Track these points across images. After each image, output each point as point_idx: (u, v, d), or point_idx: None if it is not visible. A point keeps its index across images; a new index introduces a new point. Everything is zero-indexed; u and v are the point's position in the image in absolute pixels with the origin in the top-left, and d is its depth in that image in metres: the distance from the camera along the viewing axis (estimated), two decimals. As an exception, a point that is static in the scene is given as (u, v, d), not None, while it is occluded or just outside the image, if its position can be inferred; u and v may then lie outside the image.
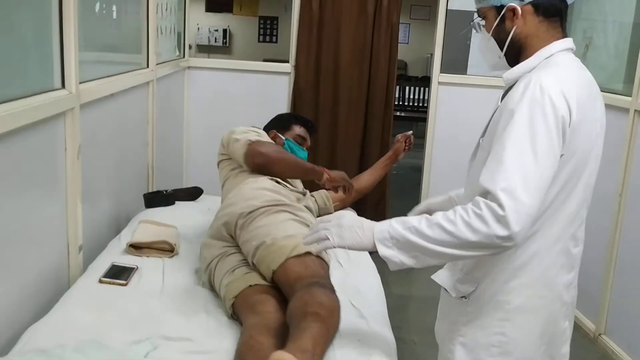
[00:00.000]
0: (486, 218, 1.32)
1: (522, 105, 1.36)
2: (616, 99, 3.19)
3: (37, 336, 1.66)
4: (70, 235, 2.15)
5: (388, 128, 4.31)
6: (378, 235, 1.43)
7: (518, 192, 1.31)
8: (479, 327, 1.52)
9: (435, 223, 1.37)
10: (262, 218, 2.09)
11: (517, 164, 1.33)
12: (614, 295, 3.19)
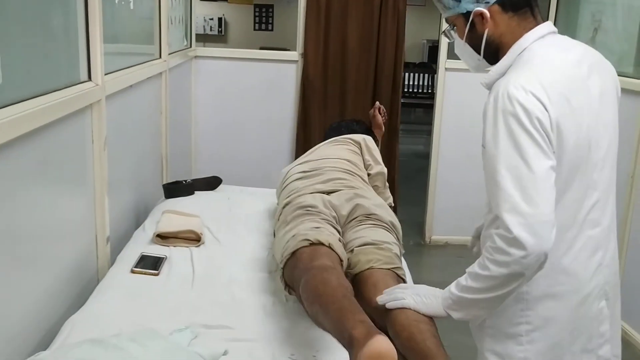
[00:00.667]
0: (503, 248, 1.36)
1: (498, 120, 1.38)
2: (627, 82, 3.22)
3: (78, 327, 1.68)
4: (98, 226, 2.16)
5: (396, 114, 4.34)
6: (444, 303, 1.54)
7: (520, 207, 1.34)
8: (505, 318, 1.55)
9: (474, 274, 1.45)
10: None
11: (513, 180, 1.35)
12: (627, 280, 3.23)
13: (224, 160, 4.26)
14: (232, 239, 2.42)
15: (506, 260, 1.36)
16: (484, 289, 1.43)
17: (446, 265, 4.19)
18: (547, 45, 1.50)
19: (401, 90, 4.36)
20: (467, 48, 1.57)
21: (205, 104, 4.31)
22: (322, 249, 1.81)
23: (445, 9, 1.56)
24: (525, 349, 1.54)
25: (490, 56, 1.55)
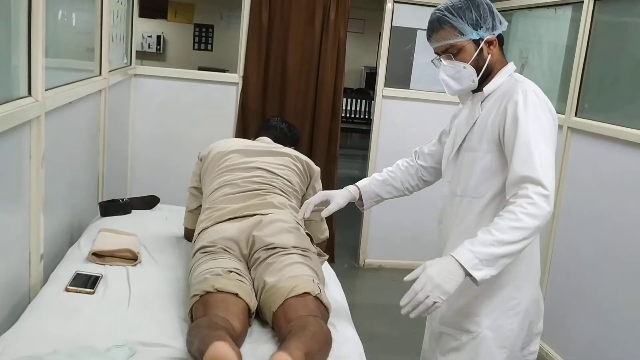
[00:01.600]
0: (539, 203, 1.63)
1: (528, 109, 1.73)
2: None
3: (11, 345, 1.65)
4: (32, 244, 2.13)
5: (335, 140, 4.42)
6: (468, 264, 1.63)
7: (549, 173, 1.67)
8: (502, 296, 1.85)
9: (507, 227, 1.64)
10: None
11: (541, 154, 1.68)
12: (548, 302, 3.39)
13: (161, 179, 4.23)
14: (168, 258, 2.43)
15: (540, 213, 1.63)
16: (515, 240, 1.63)
17: (380, 287, 4.28)
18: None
19: (340, 116, 4.45)
20: (468, 70, 1.85)
21: (144, 122, 4.28)
22: (213, 296, 1.86)
23: (458, 35, 1.83)
24: (512, 321, 1.86)
25: (482, 78, 1.88)
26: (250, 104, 4.26)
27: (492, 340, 1.85)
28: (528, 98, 1.74)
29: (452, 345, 1.91)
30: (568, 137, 3.25)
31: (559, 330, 3.30)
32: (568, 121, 3.25)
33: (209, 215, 2.30)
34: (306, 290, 1.91)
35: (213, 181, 2.43)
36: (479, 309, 1.85)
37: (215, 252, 2.11)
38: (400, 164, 2.22)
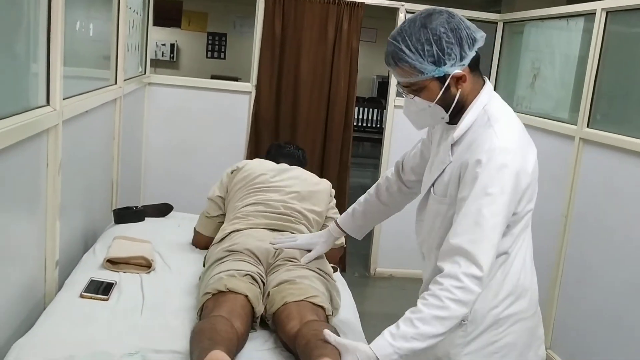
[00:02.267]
0: (469, 287, 1.50)
1: (490, 172, 1.53)
2: (562, 127, 3.43)
3: (25, 351, 1.68)
4: (48, 250, 2.16)
5: (347, 149, 4.44)
6: (384, 356, 1.50)
7: (489, 252, 1.53)
8: (481, 341, 1.68)
9: (431, 317, 1.50)
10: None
11: (488, 228, 1.52)
12: (559, 312, 3.39)
13: (174, 187, 4.26)
14: (182, 266, 2.45)
15: (469, 299, 1.50)
16: (440, 333, 1.50)
17: (390, 297, 4.29)
18: (497, 99, 1.69)
19: (353, 125, 4.48)
20: (434, 109, 1.63)
21: (157, 130, 4.32)
22: (224, 296, 1.91)
23: (418, 73, 1.57)
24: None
25: (454, 114, 1.65)
26: (263, 113, 4.29)
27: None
28: (492, 159, 1.53)
29: None
30: (580, 148, 3.25)
31: (570, 341, 3.29)
32: (580, 132, 3.25)
33: (243, 220, 2.35)
34: (323, 305, 1.95)
35: (247, 197, 2.48)
36: (458, 357, 1.69)
37: (239, 255, 2.15)
38: (381, 183, 2.07)
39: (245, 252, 2.16)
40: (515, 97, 4.11)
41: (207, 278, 2.06)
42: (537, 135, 3.55)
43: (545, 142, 3.52)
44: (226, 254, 2.15)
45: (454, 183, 1.61)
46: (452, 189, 1.62)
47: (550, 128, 3.52)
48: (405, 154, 2.03)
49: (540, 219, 3.55)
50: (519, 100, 4.06)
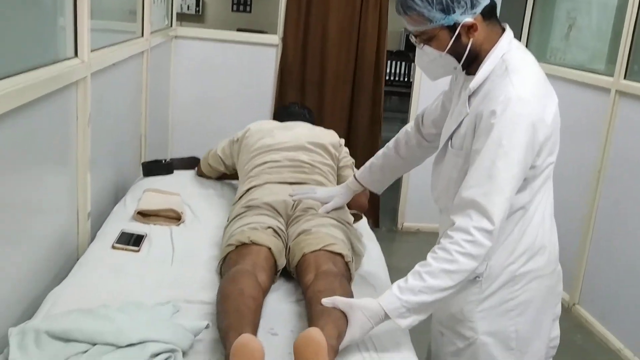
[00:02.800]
0: (479, 241, 1.48)
1: (505, 123, 1.48)
2: (598, 79, 3.33)
3: (61, 300, 1.71)
4: (79, 202, 2.19)
5: (379, 103, 4.39)
6: (394, 313, 1.52)
7: (501, 206, 1.49)
8: (496, 298, 1.65)
9: (440, 271, 1.49)
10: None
11: (501, 181, 1.48)
12: (589, 267, 3.36)
13: (201, 141, 4.25)
14: (211, 218, 2.47)
15: (480, 253, 1.48)
16: (448, 286, 1.49)
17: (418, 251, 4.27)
18: (522, 56, 1.60)
19: (384, 79, 4.41)
20: (445, 58, 1.59)
21: (184, 84, 4.31)
22: (247, 248, 1.91)
23: (426, 22, 1.54)
24: (516, 322, 1.66)
25: (467, 63, 1.61)
26: (290, 67, 4.24)
27: (492, 345, 1.67)
28: (507, 109, 1.48)
29: (450, 349, 1.74)
30: (615, 101, 3.16)
31: (599, 297, 3.27)
32: (616, 84, 3.16)
33: (256, 178, 2.35)
34: (341, 252, 1.94)
35: (254, 159, 2.47)
36: (472, 314, 1.66)
37: (258, 209, 2.15)
38: (400, 137, 2.03)
39: (264, 206, 2.16)
40: (548, 48, 3.99)
41: (230, 231, 2.07)
42: (571, 88, 3.46)
43: (579, 95, 3.43)
44: (245, 210, 2.16)
45: (470, 135, 1.57)
46: (468, 141, 1.58)
47: (585, 80, 3.42)
48: (426, 107, 1.98)
49: (572, 173, 3.49)
50: (552, 52, 3.95)
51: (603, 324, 3.23)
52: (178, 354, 1.39)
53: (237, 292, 1.64)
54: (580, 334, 3.26)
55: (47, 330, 1.32)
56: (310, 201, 2.18)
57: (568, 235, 3.38)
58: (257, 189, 2.28)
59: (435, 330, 1.83)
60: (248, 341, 1.33)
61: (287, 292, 1.93)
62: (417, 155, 2.03)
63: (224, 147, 2.78)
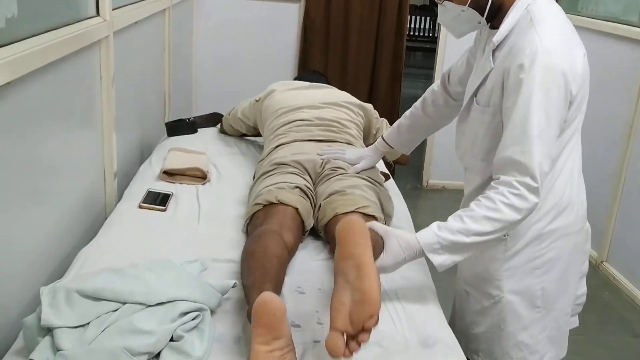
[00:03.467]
0: (525, 195, 1.45)
1: (535, 75, 1.43)
2: (631, 30, 3.23)
3: (91, 259, 1.73)
4: (106, 162, 2.20)
5: (400, 59, 4.32)
6: (428, 248, 1.51)
7: (543, 161, 1.46)
8: (522, 256, 1.64)
9: (481, 217, 1.47)
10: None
11: (541, 134, 1.45)
12: (617, 224, 3.32)
13: (224, 99, 4.24)
14: (236, 176, 2.47)
15: (524, 206, 1.46)
16: (487, 232, 1.48)
17: (442, 209, 4.25)
18: (548, 5, 1.55)
19: (406, 34, 4.33)
20: (468, 13, 1.56)
21: (207, 42, 4.28)
22: (274, 208, 1.90)
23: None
24: (542, 280, 1.65)
25: (492, 17, 1.57)
26: (313, 23, 4.18)
27: (518, 303, 1.67)
28: (537, 60, 1.43)
29: (475, 308, 1.74)
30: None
31: (627, 254, 3.24)
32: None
33: (284, 136, 2.33)
34: (375, 214, 1.92)
35: (281, 117, 2.45)
36: (497, 272, 1.66)
37: (286, 168, 2.13)
38: (427, 96, 2.01)
39: (292, 164, 2.15)
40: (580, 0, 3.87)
41: (257, 190, 2.07)
42: (603, 40, 3.36)
43: (612, 48, 3.33)
44: (273, 167, 2.15)
45: (497, 91, 1.53)
46: (495, 97, 1.54)
47: (618, 32, 3.31)
48: (452, 65, 1.94)
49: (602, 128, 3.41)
50: (584, 3, 3.82)
51: (632, 281, 3.20)
52: (206, 313, 1.40)
53: (261, 250, 1.64)
54: (607, 291, 3.24)
55: (77, 289, 1.33)
56: (340, 161, 2.16)
57: (597, 192, 3.32)
58: (285, 147, 2.27)
59: (460, 289, 1.83)
60: (270, 299, 1.33)
61: (314, 250, 1.93)
62: (444, 114, 2.01)
63: (244, 108, 2.78)
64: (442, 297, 1.78)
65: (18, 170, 1.52)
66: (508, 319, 1.68)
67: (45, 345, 1.27)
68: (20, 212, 1.55)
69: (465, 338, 1.78)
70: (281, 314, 1.32)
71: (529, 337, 1.70)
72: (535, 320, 1.69)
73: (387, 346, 1.44)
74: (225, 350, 1.40)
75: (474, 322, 1.76)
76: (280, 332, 1.30)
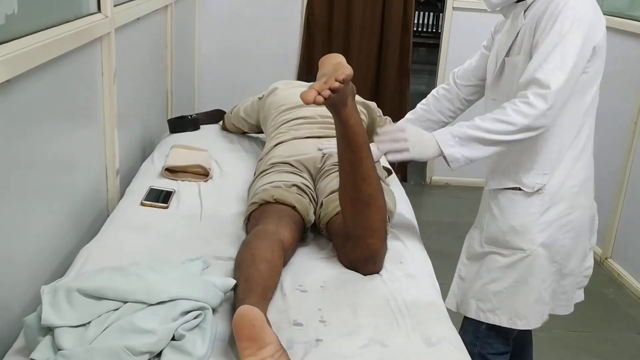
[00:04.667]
0: (533, 102, 1.59)
1: (567, 14, 1.60)
2: (636, 25, 3.21)
3: (93, 256, 1.73)
4: (108, 159, 2.19)
5: (407, 55, 4.30)
6: (441, 138, 1.70)
7: (560, 76, 1.59)
8: (555, 211, 1.79)
9: (491, 118, 1.65)
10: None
11: (564, 58, 1.60)
12: (622, 221, 3.30)
13: (228, 95, 4.24)
14: (239, 173, 2.45)
15: (531, 112, 1.59)
16: (494, 130, 1.64)
17: (446, 205, 4.26)
18: None
19: (412, 29, 4.31)
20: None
21: (209, 38, 4.27)
22: (271, 206, 1.88)
23: None
24: (565, 237, 1.82)
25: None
26: (316, 18, 4.17)
27: (544, 257, 1.82)
28: (566, 6, 1.62)
29: (501, 263, 1.85)
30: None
31: (632, 251, 3.22)
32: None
33: (285, 134, 2.32)
34: None
35: (283, 115, 2.44)
36: (532, 226, 1.80)
37: (283, 167, 2.12)
38: (435, 92, 2.14)
39: (290, 163, 2.13)
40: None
41: (254, 189, 2.06)
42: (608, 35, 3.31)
43: (617, 43, 3.30)
44: (270, 166, 2.14)
45: (529, 37, 1.68)
46: (526, 45, 1.69)
47: (624, 27, 3.29)
48: (464, 65, 2.09)
49: (607, 124, 3.39)
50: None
51: (636, 277, 3.18)
52: (208, 312, 1.39)
53: (249, 258, 1.61)
54: (612, 288, 3.23)
55: (78, 288, 1.32)
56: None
57: (601, 188, 3.29)
58: (283, 145, 2.25)
59: (472, 256, 1.93)
60: (246, 312, 1.32)
61: (316, 248, 1.92)
62: (454, 108, 2.12)
63: (246, 106, 2.77)
64: (445, 295, 1.77)
65: (19, 168, 1.52)
66: (535, 271, 1.81)
67: (45, 345, 1.27)
68: (21, 209, 1.54)
69: (478, 299, 1.88)
70: (260, 323, 1.31)
71: (544, 289, 1.84)
72: (550, 273, 1.85)
73: (390, 345, 1.43)
74: (227, 349, 1.39)
75: (494, 279, 1.85)
76: (264, 340, 1.30)
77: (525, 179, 1.79)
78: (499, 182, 1.86)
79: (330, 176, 2.07)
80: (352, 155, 1.66)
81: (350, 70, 1.54)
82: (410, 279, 1.74)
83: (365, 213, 1.67)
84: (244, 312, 1.33)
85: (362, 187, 1.66)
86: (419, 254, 1.93)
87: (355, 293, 1.63)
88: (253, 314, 1.32)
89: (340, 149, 1.70)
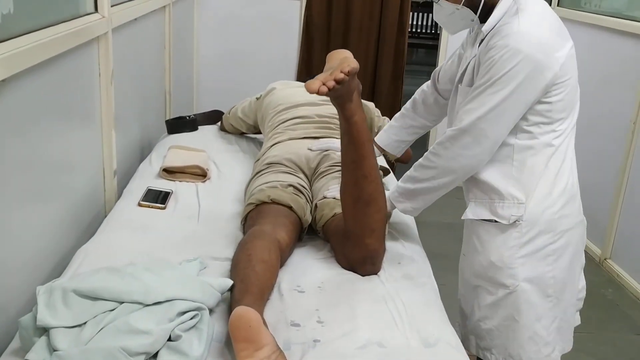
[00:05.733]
0: (442, 140, 1.66)
1: (502, 53, 1.54)
2: (635, 26, 3.20)
3: (90, 257, 1.72)
4: (105, 160, 2.19)
5: (401, 57, 4.29)
6: (393, 197, 1.80)
7: (475, 117, 1.60)
8: (537, 243, 1.69)
9: (417, 165, 1.74)
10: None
11: (490, 108, 1.58)
12: (621, 221, 3.29)
13: (226, 96, 4.23)
14: (236, 174, 2.45)
15: (443, 153, 1.67)
16: (424, 178, 1.72)
17: (444, 206, 4.23)
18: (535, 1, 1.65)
19: (408, 31, 4.31)
20: (463, 11, 1.65)
21: (208, 39, 4.26)
22: (267, 207, 1.88)
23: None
24: (553, 267, 1.71)
25: (485, 15, 1.64)
26: (315, 20, 4.17)
27: (532, 292, 1.70)
28: (508, 44, 1.53)
29: (487, 301, 1.76)
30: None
31: (632, 252, 3.21)
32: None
33: (281, 134, 2.32)
34: None
35: (280, 115, 2.44)
36: (512, 260, 1.69)
37: (278, 167, 2.12)
38: (417, 97, 2.07)
39: (285, 163, 2.13)
40: (583, -5, 3.84)
41: (250, 190, 2.05)
42: (607, 36, 3.33)
43: (616, 43, 3.30)
44: (266, 167, 2.13)
45: (477, 71, 1.64)
46: (471, 76, 1.66)
47: (623, 28, 3.28)
48: (442, 64, 2.01)
49: (606, 124, 3.38)
50: (587, -1, 3.79)
51: (635, 278, 3.18)
52: (205, 312, 1.38)
53: (245, 258, 1.61)
54: (611, 289, 3.22)
55: (74, 289, 1.32)
56: (337, 157, 2.14)
57: (600, 188, 3.30)
58: (279, 145, 2.25)
59: (467, 287, 1.83)
60: (242, 313, 1.32)
61: (313, 248, 1.91)
62: (435, 113, 2.06)
63: (244, 107, 2.77)
64: (444, 296, 1.76)
65: (16, 168, 1.51)
66: (523, 309, 1.70)
67: (41, 346, 1.26)
68: (18, 210, 1.54)
69: (475, 336, 1.80)
70: (256, 324, 1.31)
71: (542, 328, 1.73)
72: (547, 310, 1.72)
73: (388, 346, 1.42)
74: (224, 350, 1.38)
75: (485, 316, 1.77)
76: (261, 341, 1.29)
77: (500, 210, 1.69)
78: (474, 212, 1.75)
79: (326, 177, 2.07)
80: (354, 153, 1.66)
81: (356, 64, 1.53)
82: (409, 280, 1.73)
83: (365, 212, 1.67)
84: (240, 313, 1.32)
85: (363, 185, 1.66)
86: (418, 255, 1.92)
87: (353, 294, 1.63)
88: (249, 315, 1.32)
89: (344, 146, 1.70)
